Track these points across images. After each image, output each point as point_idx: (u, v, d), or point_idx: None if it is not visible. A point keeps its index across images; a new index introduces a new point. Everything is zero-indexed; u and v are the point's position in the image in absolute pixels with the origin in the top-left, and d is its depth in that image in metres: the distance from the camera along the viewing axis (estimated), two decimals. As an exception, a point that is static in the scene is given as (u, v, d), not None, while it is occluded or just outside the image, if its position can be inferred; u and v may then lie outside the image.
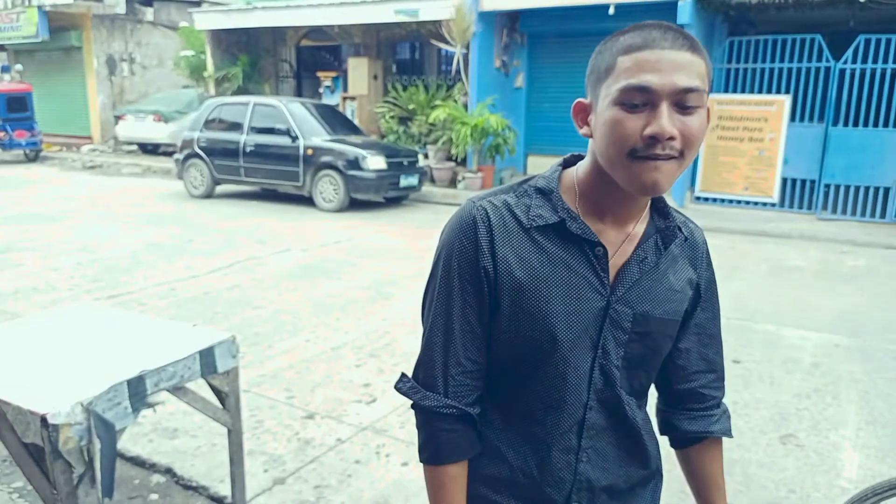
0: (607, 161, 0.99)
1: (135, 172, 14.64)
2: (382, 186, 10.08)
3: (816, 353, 4.55)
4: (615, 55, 0.97)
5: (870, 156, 9.57)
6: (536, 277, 1.05)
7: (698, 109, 0.95)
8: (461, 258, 1.07)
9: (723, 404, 1.23)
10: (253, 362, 4.18)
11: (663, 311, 1.10)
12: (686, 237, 1.14)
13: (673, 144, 0.94)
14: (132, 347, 2.26)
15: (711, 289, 1.19)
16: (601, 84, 0.99)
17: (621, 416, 1.11)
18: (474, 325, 1.09)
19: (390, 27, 14.35)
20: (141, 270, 6.32)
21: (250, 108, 10.86)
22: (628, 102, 0.94)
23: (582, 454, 1.10)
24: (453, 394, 1.09)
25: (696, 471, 1.25)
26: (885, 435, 3.42)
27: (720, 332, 1.21)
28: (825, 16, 10.17)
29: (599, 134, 1.00)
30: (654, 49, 0.94)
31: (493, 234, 1.06)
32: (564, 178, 1.11)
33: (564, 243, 1.06)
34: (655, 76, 0.93)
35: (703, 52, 0.97)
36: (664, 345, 1.13)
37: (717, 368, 1.21)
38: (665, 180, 0.96)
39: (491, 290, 1.07)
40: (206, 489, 2.84)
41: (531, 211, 1.07)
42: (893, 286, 6.41)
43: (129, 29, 18.54)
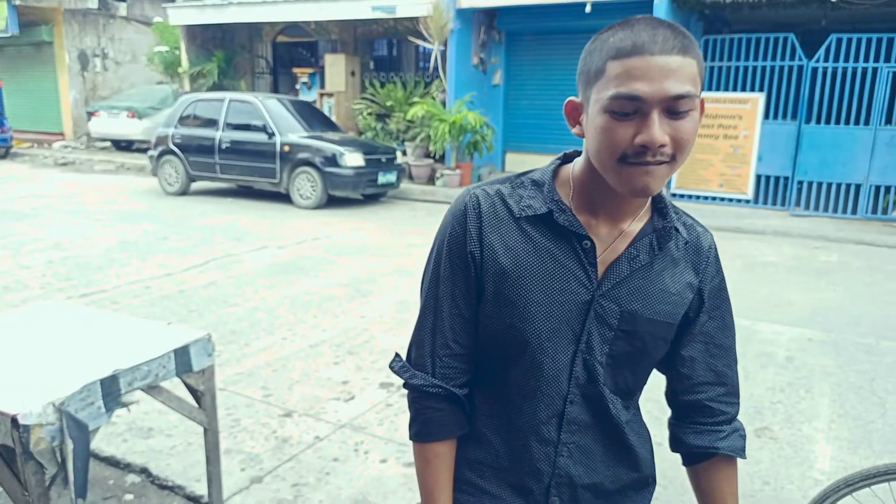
0: (598, 164, 1.00)
1: (108, 169, 14.43)
2: (360, 183, 10.05)
3: (790, 348, 4.61)
4: (605, 59, 0.96)
5: (841, 153, 9.73)
6: (520, 266, 1.06)
7: (690, 113, 0.95)
8: (452, 243, 1.11)
9: (736, 422, 1.18)
10: (229, 360, 4.14)
11: (654, 311, 1.08)
12: (687, 240, 1.11)
13: (664, 150, 0.94)
14: (105, 346, 2.23)
15: (720, 296, 1.15)
16: (591, 87, 0.99)
17: (605, 413, 1.10)
18: (462, 309, 1.11)
19: (368, 23, 14.30)
20: (114, 268, 6.23)
21: (226, 105, 10.75)
22: (618, 111, 0.94)
23: (562, 448, 1.10)
24: (441, 374, 1.12)
25: (705, 490, 1.20)
26: (857, 427, 3.48)
27: (733, 345, 1.17)
28: (798, 15, 10.32)
29: (590, 138, 1.00)
30: (643, 55, 0.92)
31: (482, 220, 1.08)
32: (562, 172, 1.12)
33: (553, 235, 1.06)
34: (645, 84, 0.91)
35: (694, 51, 0.95)
36: (655, 347, 1.11)
37: (728, 382, 1.16)
38: (656, 184, 0.96)
39: (477, 276, 1.09)
40: (182, 489, 2.81)
41: (523, 201, 1.08)
42: (865, 281, 6.53)
43: (101, 24, 18.24)
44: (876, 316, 5.35)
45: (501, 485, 1.14)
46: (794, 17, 10.57)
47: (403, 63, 14.77)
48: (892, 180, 9.53)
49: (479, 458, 1.15)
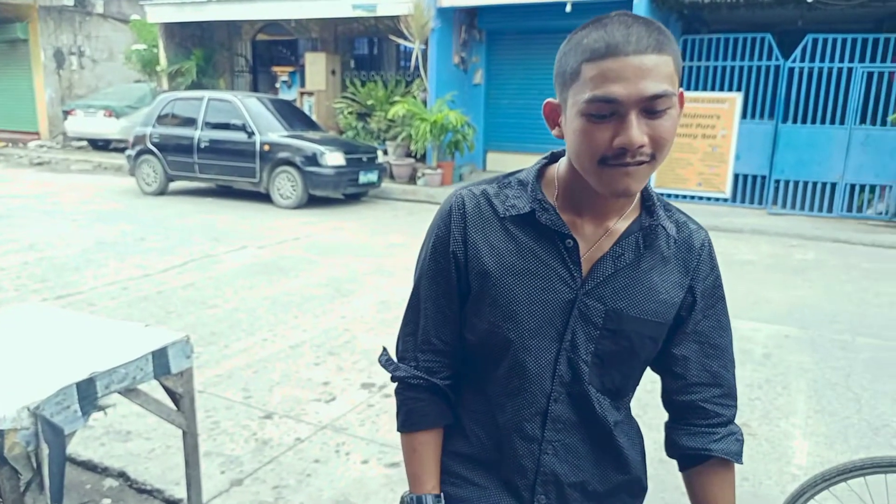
0: (579, 166, 1.01)
1: (85, 169, 14.24)
2: (341, 183, 10.01)
3: (767, 345, 4.67)
4: (579, 61, 0.95)
5: (818, 152, 9.86)
6: (503, 265, 1.07)
7: (668, 111, 0.94)
8: (437, 244, 1.13)
9: (733, 426, 1.15)
10: (209, 362, 4.10)
11: (641, 310, 1.07)
12: (676, 238, 1.10)
13: (643, 151, 0.93)
14: (81, 349, 2.19)
15: (714, 295, 1.14)
16: (568, 89, 0.98)
17: (591, 413, 1.10)
18: (445, 308, 1.14)
19: (348, 22, 14.24)
20: (91, 269, 6.15)
21: (205, 104, 10.65)
22: (595, 114, 0.93)
23: (546, 446, 1.10)
24: (424, 368, 1.15)
25: (699, 496, 1.17)
26: (833, 423, 3.53)
27: (729, 345, 1.15)
28: (775, 15, 10.44)
29: (569, 140, 1.00)
30: (617, 56, 0.91)
31: (466, 221, 1.10)
32: (548, 171, 1.13)
33: (536, 234, 1.07)
34: (621, 86, 0.91)
35: (669, 47, 0.94)
36: (642, 346, 1.09)
37: (724, 384, 1.14)
38: (636, 184, 0.96)
39: (462, 276, 1.11)
40: (160, 492, 2.78)
41: (508, 201, 1.09)
42: (841, 278, 6.62)
43: (77, 21, 17.99)
44: (852, 313, 5.43)
45: (489, 478, 1.15)
46: (771, 18, 10.70)
47: (384, 62, 14.74)
48: (867, 179, 9.68)
49: (467, 452, 1.16)
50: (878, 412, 3.65)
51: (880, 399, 3.81)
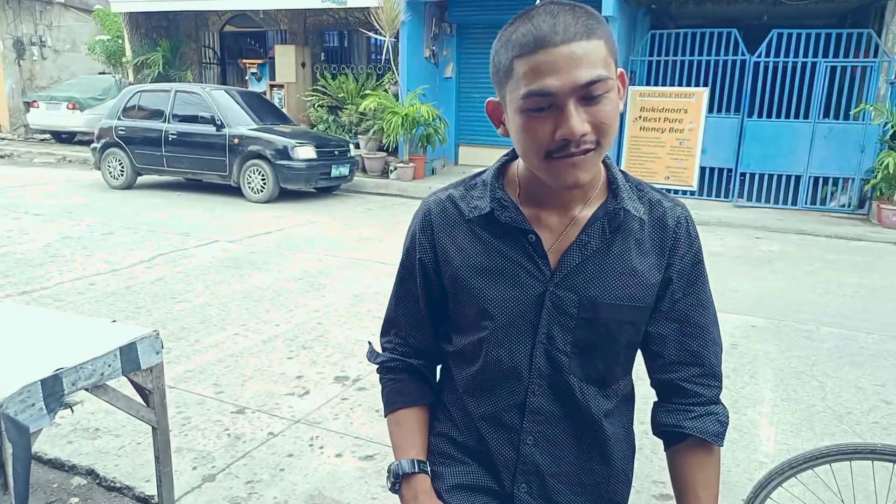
0: (527, 162, 1.02)
1: (48, 162, 13.92)
2: (313, 176, 9.93)
3: (735, 334, 4.75)
4: (510, 58, 0.94)
5: (782, 145, 10.03)
6: (472, 266, 1.09)
7: (606, 95, 0.93)
8: (408, 251, 1.18)
9: (713, 406, 1.13)
10: (179, 357, 4.05)
11: (616, 296, 1.06)
12: (644, 219, 1.08)
13: (587, 139, 0.93)
14: (47, 345, 2.15)
15: (693, 273, 1.11)
16: (504, 87, 0.98)
17: (573, 403, 1.09)
18: (414, 311, 1.20)
19: (318, 14, 14.11)
20: (56, 265, 6.02)
21: (172, 96, 10.47)
22: (533, 109, 0.93)
23: (525, 436, 1.10)
24: (401, 352, 1.24)
25: (674, 475, 1.16)
26: (799, 411, 3.61)
27: (710, 325, 1.13)
28: (741, 10, 10.60)
29: (514, 138, 1.00)
30: (546, 48, 0.90)
31: (433, 228, 1.13)
32: (510, 168, 1.13)
33: (501, 232, 1.08)
34: (554, 78, 0.90)
35: (600, 31, 0.93)
36: (622, 332, 1.08)
37: (704, 363, 1.12)
38: (585, 175, 0.96)
39: (431, 282, 1.16)
40: (130, 489, 2.74)
41: (471, 202, 1.11)
42: (805, 269, 6.76)
43: (38, 10, 17.53)
44: (816, 303, 5.56)
45: (474, 460, 1.16)
46: (737, 13, 10.86)
47: (355, 55, 14.63)
48: (830, 172, 9.89)
49: (453, 435, 1.18)
50: (841, 400, 3.74)
51: (844, 387, 3.91)
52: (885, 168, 8.72)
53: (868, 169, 9.48)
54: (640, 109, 10.62)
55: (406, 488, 1.14)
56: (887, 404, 3.70)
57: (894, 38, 9.48)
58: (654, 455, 3.04)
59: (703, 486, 1.11)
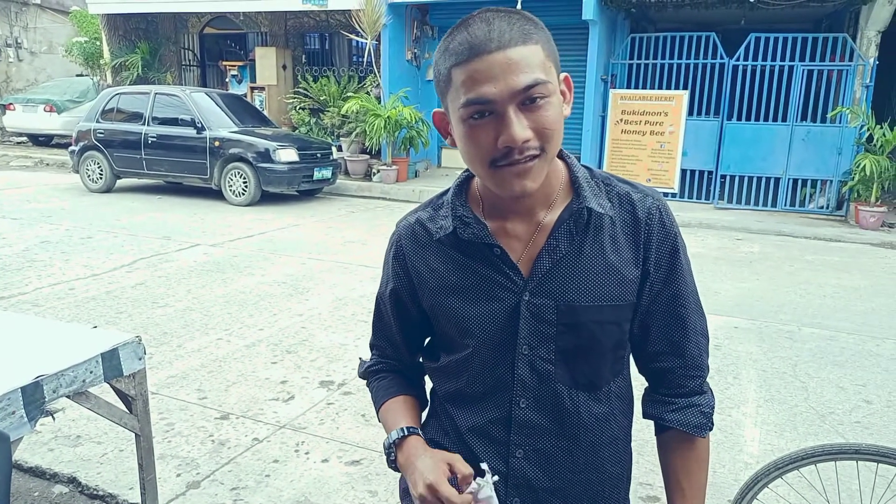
0: (473, 170, 1.00)
1: (26, 165, 13.71)
2: (295, 179, 9.88)
3: (717, 335, 4.79)
4: (448, 67, 0.94)
5: (761, 148, 10.14)
6: (447, 286, 1.09)
7: (547, 100, 0.92)
8: (384, 279, 1.21)
9: (697, 397, 1.11)
10: (162, 363, 4.00)
11: (594, 297, 1.03)
12: (613, 215, 1.05)
13: (530, 145, 0.92)
14: (26, 352, 2.11)
15: (671, 263, 1.07)
16: (446, 97, 0.98)
17: (563, 413, 1.07)
18: (395, 342, 1.23)
19: (298, 16, 14.06)
20: (34, 269, 5.93)
21: (151, 98, 10.37)
22: (474, 117, 0.92)
23: (515, 450, 1.08)
24: (385, 361, 1.27)
25: (662, 465, 1.17)
26: (782, 411, 3.64)
27: (692, 314, 1.10)
28: (719, 14, 10.70)
29: (459, 148, 0.99)
30: (481, 56, 0.90)
31: (405, 254, 1.14)
32: (472, 183, 1.13)
33: (469, 248, 1.07)
34: (491, 85, 0.89)
35: (537, 35, 0.92)
36: (606, 333, 1.05)
37: (686, 354, 1.10)
38: (532, 183, 0.95)
39: (412, 308, 1.17)
40: (113, 498, 2.70)
41: (437, 222, 1.11)
42: (786, 270, 6.84)
43: (13, 11, 17.30)
44: (797, 304, 5.62)
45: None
46: (716, 17, 10.97)
47: (336, 57, 14.59)
48: (809, 174, 10.01)
49: (445, 444, 1.17)
50: (824, 400, 3.78)
51: (826, 387, 3.95)
52: (861, 170, 8.86)
53: (845, 171, 9.62)
54: (620, 112, 10.69)
55: (399, 456, 1.10)
56: (869, 404, 3.75)
57: (868, 43, 9.63)
58: (640, 457, 3.04)
59: (686, 475, 1.12)
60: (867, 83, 9.54)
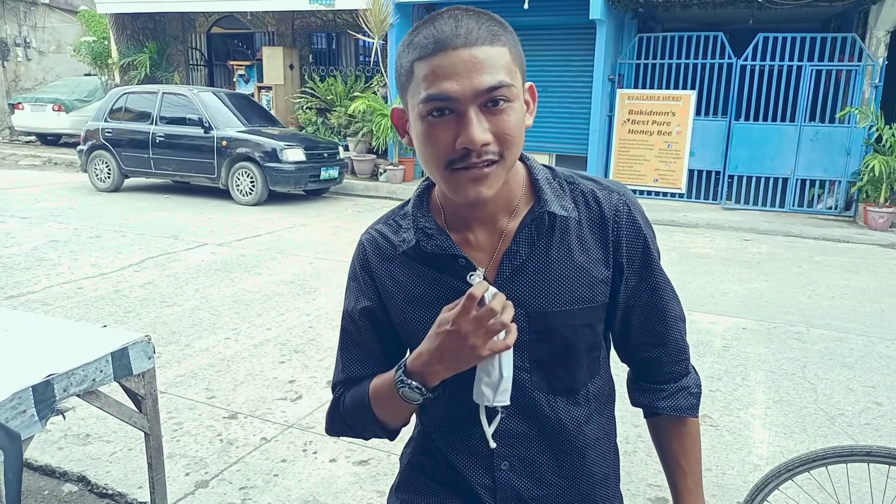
0: (429, 172, 0.96)
1: (34, 164, 13.78)
2: (302, 179, 9.89)
3: (726, 337, 4.77)
4: (411, 61, 0.91)
5: (769, 148, 10.11)
6: (414, 298, 1.05)
7: (510, 105, 0.89)
8: (350, 298, 1.14)
9: (684, 380, 1.13)
10: (170, 362, 4.01)
11: (565, 302, 1.01)
12: (577, 216, 1.03)
13: (489, 149, 0.88)
14: (37, 351, 2.12)
15: (645, 256, 1.06)
16: (406, 92, 0.94)
17: (543, 420, 1.05)
18: (368, 357, 1.13)
19: (305, 16, 14.08)
20: (43, 268, 5.95)
21: (159, 98, 10.40)
22: (434, 114, 0.89)
23: (499, 462, 1.06)
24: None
25: (657, 446, 1.19)
26: (791, 412, 3.63)
27: (671, 303, 1.11)
28: (727, 14, 10.67)
29: (416, 146, 0.95)
30: (446, 51, 0.86)
31: (371, 270, 1.10)
32: (432, 193, 1.09)
33: (435, 261, 1.03)
34: (454, 82, 0.86)
35: (505, 38, 0.90)
36: (580, 337, 1.04)
37: (670, 342, 1.11)
38: (488, 189, 0.91)
39: (386, 320, 1.11)
40: (123, 496, 2.71)
41: (400, 234, 1.07)
42: (794, 271, 6.81)
43: (22, 11, 17.36)
44: (805, 305, 5.59)
45: (454, 490, 1.11)
46: (724, 17, 10.93)
47: (343, 57, 14.61)
48: (817, 174, 9.97)
49: (429, 466, 1.14)
50: (833, 401, 3.77)
51: (835, 388, 3.93)
52: (870, 171, 8.81)
53: (854, 171, 9.58)
54: (628, 112, 10.67)
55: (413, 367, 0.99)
56: (878, 406, 3.73)
57: (877, 43, 9.58)
58: (648, 458, 3.05)
59: (682, 454, 1.14)
60: (876, 83, 9.49)
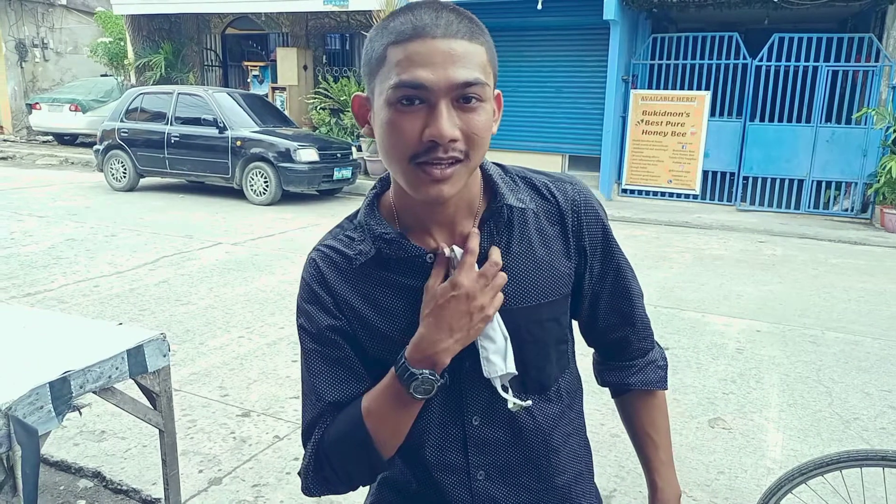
0: (390, 166, 0.92)
1: (51, 164, 13.93)
2: (315, 179, 9.94)
3: (740, 339, 4.74)
4: (385, 45, 0.87)
5: (785, 150, 10.03)
6: (382, 310, 0.99)
7: (482, 105, 0.87)
8: (308, 325, 1.01)
9: (651, 354, 1.14)
10: (184, 360, 4.05)
11: (530, 297, 0.99)
12: (535, 209, 1.01)
13: (456, 146, 0.85)
14: (54, 348, 2.14)
15: (605, 243, 1.06)
16: (374, 78, 0.89)
17: (516, 422, 1.01)
18: (346, 381, 1.00)
19: (319, 17, 14.13)
20: (60, 267, 6.02)
21: (174, 98, 10.49)
22: (403, 102, 0.85)
23: (475, 473, 1.02)
24: None
25: (627, 422, 1.19)
26: (805, 416, 3.60)
27: (632, 281, 1.11)
28: (742, 14, 10.60)
29: (378, 136, 0.91)
30: (424, 39, 0.84)
31: (328, 284, 1.00)
32: (384, 198, 1.04)
33: (400, 266, 0.98)
34: (429, 71, 0.83)
35: (482, 38, 0.89)
36: (548, 331, 1.02)
37: (636, 320, 1.12)
38: (450, 189, 0.88)
39: (352, 338, 1.00)
40: (137, 492, 2.74)
41: (354, 247, 1.01)
42: (809, 273, 6.76)
43: (40, 12, 17.56)
44: (821, 308, 5.55)
45: None
46: (739, 17, 10.86)
47: (357, 58, 14.64)
48: (833, 176, 9.89)
49: (405, 484, 1.07)
50: (848, 405, 3.73)
51: (850, 392, 3.90)
52: (887, 172, 8.72)
53: (871, 173, 9.48)
54: (642, 113, 10.62)
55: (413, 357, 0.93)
56: (894, 410, 3.69)
57: (895, 43, 9.48)
58: (661, 459, 3.03)
59: (652, 427, 1.16)
60: (893, 84, 9.39)
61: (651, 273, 6.49)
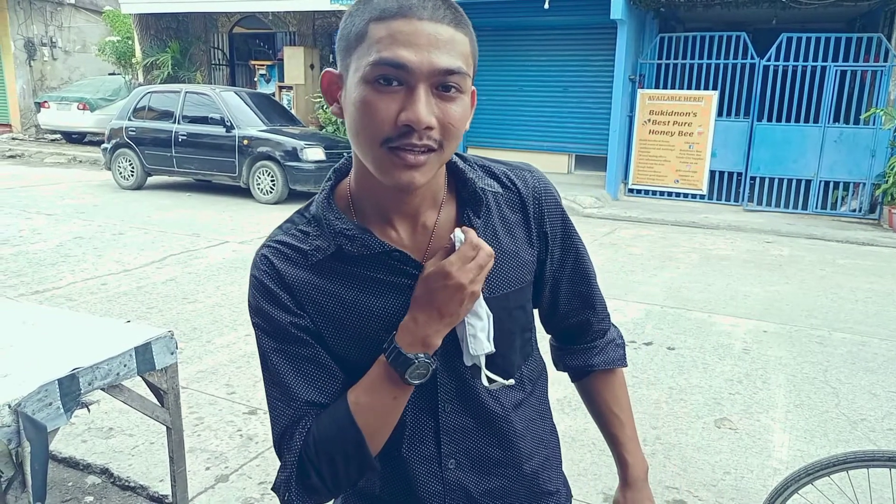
0: (359, 149, 0.87)
1: (59, 162, 13.99)
2: (322, 178, 9.95)
3: (746, 339, 4.73)
4: (367, 20, 0.83)
5: (792, 150, 9.99)
6: (347, 304, 0.94)
7: (461, 96, 0.85)
8: (269, 327, 0.96)
9: (610, 333, 1.17)
10: (191, 358, 4.06)
11: (498, 286, 0.98)
12: (503, 194, 1.01)
13: (431, 134, 0.83)
14: (63, 345, 2.16)
15: (564, 230, 1.06)
16: (351, 54, 0.85)
17: (483, 408, 1.01)
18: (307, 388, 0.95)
19: (326, 16, 14.15)
20: (68, 264, 6.05)
21: (182, 97, 10.53)
22: (381, 81, 0.81)
23: (447, 462, 1.01)
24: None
25: (590, 404, 1.21)
26: (812, 417, 3.59)
27: (590, 266, 1.12)
28: (750, 14, 10.56)
29: (349, 115, 0.86)
30: (410, 18, 0.81)
31: (285, 281, 0.95)
32: (339, 190, 0.99)
33: (365, 261, 0.94)
34: (412, 52, 0.80)
35: (467, 28, 0.87)
36: (514, 319, 1.02)
37: (596, 302, 1.14)
38: (421, 177, 0.85)
39: (317, 335, 0.96)
40: (144, 489, 2.75)
41: (310, 243, 0.95)
42: (816, 274, 6.73)
43: (49, 11, 17.63)
44: (828, 308, 5.53)
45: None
46: (746, 16, 10.82)
47: (363, 57, 14.65)
48: (841, 176, 9.84)
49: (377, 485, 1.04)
50: (855, 406, 3.72)
51: (857, 393, 3.88)
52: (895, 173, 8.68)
53: (879, 174, 9.44)
54: (648, 112, 10.60)
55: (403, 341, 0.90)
56: (901, 410, 3.68)
57: (905, 43, 9.44)
58: (667, 461, 3.03)
59: (616, 404, 1.18)
60: (903, 84, 9.35)
61: (658, 273, 6.48)
